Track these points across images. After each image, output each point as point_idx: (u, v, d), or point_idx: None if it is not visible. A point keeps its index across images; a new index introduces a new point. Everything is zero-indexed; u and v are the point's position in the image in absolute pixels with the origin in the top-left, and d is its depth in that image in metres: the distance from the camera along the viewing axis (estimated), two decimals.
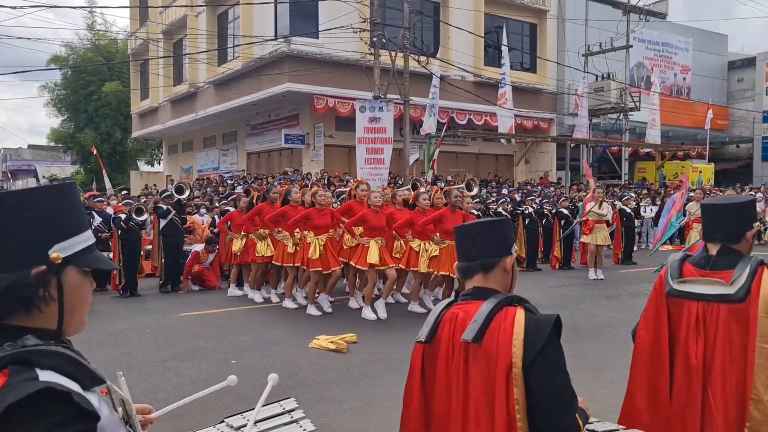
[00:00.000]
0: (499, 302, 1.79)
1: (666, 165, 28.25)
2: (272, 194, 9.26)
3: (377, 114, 17.73)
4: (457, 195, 8.25)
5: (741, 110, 32.73)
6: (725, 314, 2.30)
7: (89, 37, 37.48)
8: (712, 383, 2.32)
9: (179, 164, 32.80)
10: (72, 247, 1.21)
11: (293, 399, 2.72)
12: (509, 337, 1.71)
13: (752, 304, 2.24)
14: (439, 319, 1.91)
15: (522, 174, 26.98)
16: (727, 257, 2.38)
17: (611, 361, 5.95)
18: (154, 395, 5.27)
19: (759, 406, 2.20)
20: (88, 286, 1.28)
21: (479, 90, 23.10)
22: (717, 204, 2.52)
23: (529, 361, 1.68)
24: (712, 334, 2.33)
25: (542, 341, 1.69)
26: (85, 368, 1.17)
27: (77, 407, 1.07)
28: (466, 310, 1.85)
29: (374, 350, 6.66)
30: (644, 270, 12.79)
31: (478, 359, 1.77)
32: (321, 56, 20.54)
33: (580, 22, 26.57)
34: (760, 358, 2.20)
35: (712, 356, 2.32)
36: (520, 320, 1.73)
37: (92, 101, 35.35)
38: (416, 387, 1.92)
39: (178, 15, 27.40)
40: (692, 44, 31.38)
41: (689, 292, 2.40)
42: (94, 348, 6.63)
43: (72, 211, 1.24)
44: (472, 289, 1.91)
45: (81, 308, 1.27)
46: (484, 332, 1.74)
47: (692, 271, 2.44)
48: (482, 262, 1.89)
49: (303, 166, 22.87)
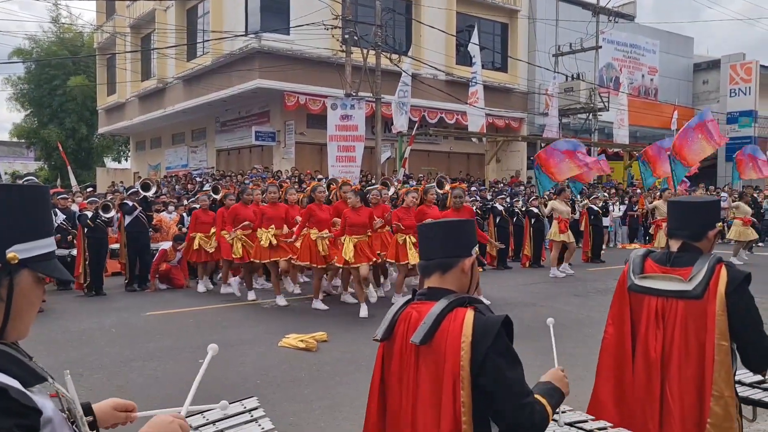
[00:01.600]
0: (450, 303, 1.78)
1: (634, 165, 28.70)
2: (246, 196, 9.47)
3: (349, 112, 17.67)
4: (459, 194, 8.42)
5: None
6: (683, 310, 2.35)
7: (54, 30, 36.69)
8: (669, 376, 2.37)
9: (147, 161, 32.27)
10: (31, 251, 1.19)
11: (255, 398, 2.69)
12: (457, 339, 1.70)
13: (709, 301, 2.28)
14: (396, 317, 1.91)
15: (493, 173, 27.17)
16: (688, 254, 2.42)
17: (580, 357, 6.00)
18: (120, 395, 5.12)
19: (720, 402, 2.24)
20: (38, 293, 1.24)
21: (451, 89, 23.18)
22: (683, 202, 2.57)
23: (477, 363, 1.68)
24: (671, 328, 2.37)
25: (489, 342, 1.68)
26: (26, 366, 1.15)
27: (14, 402, 1.06)
28: (419, 310, 1.85)
29: (344, 349, 6.62)
30: (612, 268, 12.98)
31: (427, 361, 1.77)
32: (292, 53, 20.39)
33: (550, 22, 26.85)
34: (719, 355, 2.24)
35: (670, 350, 2.37)
36: (469, 322, 1.72)
37: (57, 96, 34.55)
38: (376, 385, 1.94)
39: (147, 9, 26.96)
40: (659, 46, 31.95)
41: (649, 287, 2.44)
42: (57, 348, 6.48)
43: (38, 214, 1.22)
44: (427, 289, 1.90)
45: (28, 314, 1.22)
46: (432, 334, 1.74)
47: (653, 267, 2.48)
48: (440, 261, 1.89)
49: (274, 164, 22.69)
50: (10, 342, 1.19)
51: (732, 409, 2.26)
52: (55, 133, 33.79)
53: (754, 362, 2.31)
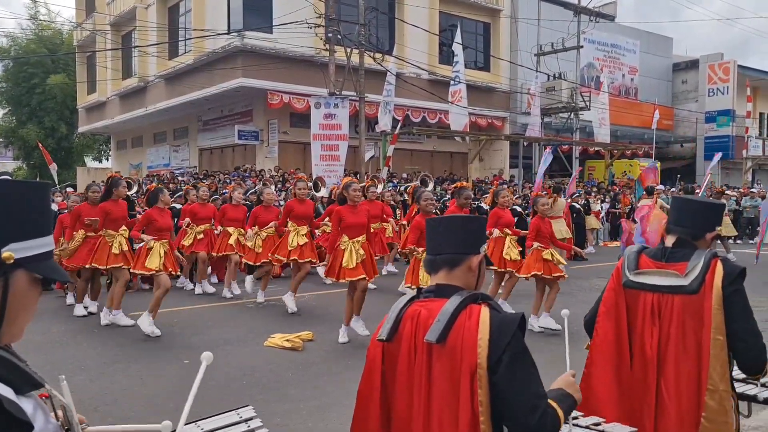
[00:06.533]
0: (463, 300, 1.74)
1: (615, 163, 29.02)
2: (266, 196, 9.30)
3: (332, 110, 17.64)
4: (468, 195, 7.75)
5: (685, 111, 33.85)
6: (679, 305, 2.35)
7: (32, 28, 36.13)
8: (665, 373, 2.36)
9: (128, 160, 31.91)
10: (28, 250, 1.12)
11: (251, 407, 2.65)
12: (474, 336, 1.66)
13: (706, 296, 2.28)
14: (400, 316, 1.84)
15: (476, 172, 27.26)
16: (683, 250, 2.42)
17: (563, 354, 6.04)
18: (103, 397, 5.10)
19: (714, 396, 2.25)
20: (35, 294, 1.18)
21: (434, 88, 23.21)
22: (687, 199, 2.58)
23: (494, 361, 1.64)
24: (666, 324, 2.37)
25: (507, 340, 1.65)
26: (21, 371, 1.09)
27: (6, 414, 1.00)
28: (428, 307, 1.79)
29: (330, 348, 6.61)
30: (595, 266, 13.10)
31: (441, 359, 1.72)
32: (275, 51, 20.28)
33: (532, 22, 26.98)
34: (715, 349, 2.24)
35: (666, 347, 2.36)
36: (485, 319, 1.68)
37: (35, 94, 34.00)
38: (376, 386, 1.85)
39: (127, 6, 26.65)
40: (639, 46, 32.26)
41: (644, 283, 2.44)
42: (37, 350, 6.38)
43: (37, 212, 1.15)
44: (435, 285, 1.86)
45: (23, 316, 1.16)
46: (448, 332, 1.69)
47: (648, 262, 2.47)
48: (447, 257, 1.85)
49: (257, 163, 22.56)
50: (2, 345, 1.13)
51: (727, 404, 2.26)
52: (34, 132, 33.27)
53: (747, 362, 2.29)
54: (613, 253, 15.86)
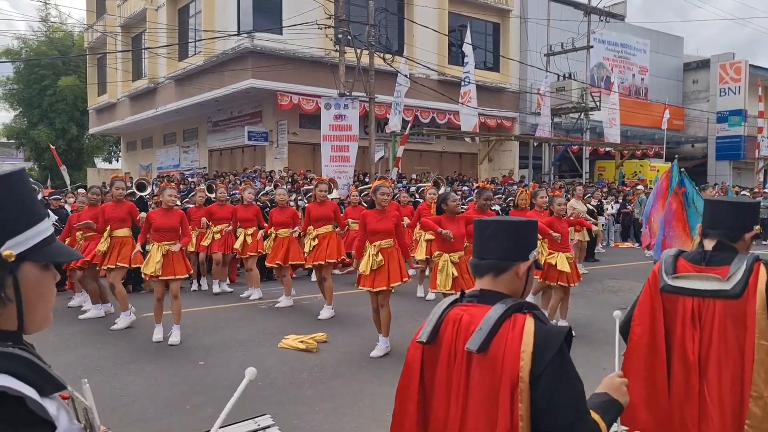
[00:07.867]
0: (507, 309, 1.66)
1: (625, 164, 28.88)
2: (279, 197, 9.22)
3: (342, 111, 17.62)
4: (489, 196, 7.45)
5: (696, 111, 33.64)
6: (721, 310, 2.29)
7: (43, 30, 36.39)
8: (708, 379, 2.31)
9: (138, 161, 32.06)
10: (26, 242, 1.10)
11: (269, 416, 2.62)
12: (517, 348, 1.59)
13: (749, 301, 2.23)
14: (442, 318, 1.78)
15: (485, 172, 27.19)
16: (724, 253, 2.37)
17: (580, 357, 6.00)
18: (119, 398, 5.10)
19: (759, 403, 2.19)
20: (49, 279, 1.16)
21: (443, 88, 23.18)
22: (721, 201, 2.52)
23: (536, 375, 1.57)
24: (708, 329, 2.32)
25: (552, 354, 1.57)
26: (45, 373, 1.08)
27: (30, 414, 1.00)
28: (471, 313, 1.73)
29: (344, 349, 6.58)
30: (607, 267, 13.02)
31: (482, 368, 1.65)
32: (285, 52, 20.30)
33: (542, 22, 26.90)
34: (759, 355, 2.19)
35: (708, 352, 2.31)
36: (530, 330, 1.61)
37: (47, 96, 34.24)
38: (414, 389, 1.80)
39: (137, 8, 26.77)
40: (649, 46, 32.10)
41: (684, 287, 2.38)
42: (52, 351, 6.39)
43: (23, 201, 1.12)
44: (479, 291, 1.79)
45: (43, 304, 1.15)
46: (490, 342, 1.62)
47: (687, 266, 2.42)
48: (492, 263, 1.77)
49: (266, 164, 22.59)
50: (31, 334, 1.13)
51: None
52: (45, 133, 33.50)
53: None
54: (624, 253, 15.77)
